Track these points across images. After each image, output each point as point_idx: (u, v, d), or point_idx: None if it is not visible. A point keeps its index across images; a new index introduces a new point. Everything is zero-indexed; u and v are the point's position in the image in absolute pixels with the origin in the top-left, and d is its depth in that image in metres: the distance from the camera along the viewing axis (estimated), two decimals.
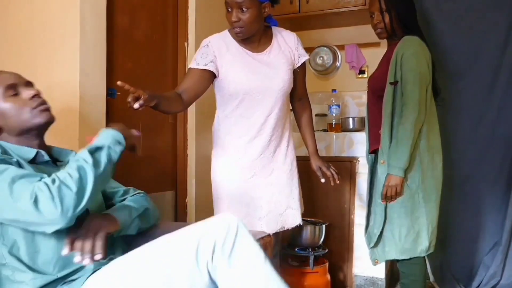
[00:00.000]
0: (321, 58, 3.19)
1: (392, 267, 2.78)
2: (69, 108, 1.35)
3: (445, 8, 2.60)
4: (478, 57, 2.56)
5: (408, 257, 1.94)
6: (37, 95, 1.23)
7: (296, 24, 3.10)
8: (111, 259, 1.17)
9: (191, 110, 2.48)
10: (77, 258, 1.07)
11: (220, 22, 2.78)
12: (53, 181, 1.00)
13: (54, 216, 0.98)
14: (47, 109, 1.24)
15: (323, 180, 1.90)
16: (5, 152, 1.13)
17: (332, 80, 3.26)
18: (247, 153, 1.80)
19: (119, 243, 1.29)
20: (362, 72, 3.15)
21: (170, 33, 2.44)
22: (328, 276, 2.40)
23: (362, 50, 3.12)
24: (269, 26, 1.86)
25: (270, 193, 1.83)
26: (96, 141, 1.13)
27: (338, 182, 1.90)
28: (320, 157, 1.95)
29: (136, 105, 1.33)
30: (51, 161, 1.24)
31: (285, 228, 1.88)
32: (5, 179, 1.01)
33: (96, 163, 1.07)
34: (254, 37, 1.77)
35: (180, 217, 2.46)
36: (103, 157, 1.10)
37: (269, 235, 1.46)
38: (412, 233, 1.91)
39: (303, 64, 1.90)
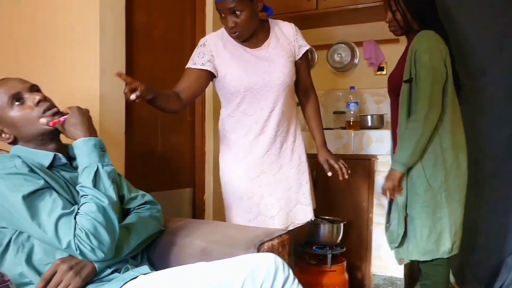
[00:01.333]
0: (339, 55, 3.17)
1: (412, 266, 2.74)
2: (89, 107, 1.37)
3: (467, 2, 2.55)
4: (502, 52, 2.50)
5: (430, 259, 1.90)
6: (42, 100, 1.21)
7: (314, 21, 3.08)
8: (127, 268, 1.18)
9: (209, 107, 2.49)
10: None
11: None
12: (87, 236, 1.05)
13: (99, 259, 1.10)
14: (56, 113, 1.21)
15: (329, 174, 1.83)
16: (29, 168, 1.13)
17: (351, 77, 3.22)
18: (253, 151, 1.77)
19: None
20: (380, 69, 3.11)
21: (188, 32, 2.45)
22: (346, 275, 2.39)
23: (381, 47, 3.09)
24: (266, 20, 1.82)
25: (279, 190, 1.79)
26: (84, 161, 1.13)
27: (346, 176, 1.82)
28: (329, 150, 1.89)
29: (132, 96, 1.31)
30: (68, 163, 1.25)
31: (296, 225, 1.84)
32: (49, 213, 1.06)
33: (107, 195, 1.11)
34: (253, 34, 1.74)
35: (198, 214, 2.47)
36: (107, 183, 1.13)
37: (286, 232, 1.45)
38: (434, 234, 1.87)
39: (305, 55, 1.84)
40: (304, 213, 1.85)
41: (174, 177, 2.36)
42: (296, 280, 1.11)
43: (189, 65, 1.74)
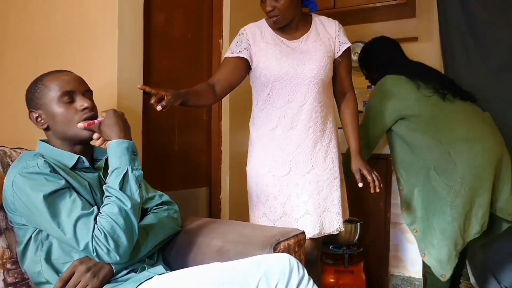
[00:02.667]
0: (357, 54, 3.13)
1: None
2: (107, 105, 1.39)
3: (489, 0, 2.51)
4: None
5: None
6: (89, 108, 1.23)
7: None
8: (144, 268, 1.19)
9: (225, 106, 2.49)
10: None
11: (254, 19, 2.78)
12: (106, 238, 1.06)
13: (114, 262, 1.12)
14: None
15: (360, 185, 1.71)
16: (51, 168, 1.15)
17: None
18: (282, 147, 1.70)
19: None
20: None
21: (205, 31, 2.46)
22: (363, 275, 2.37)
23: None
24: (309, 14, 1.79)
25: (308, 192, 1.71)
26: (115, 162, 1.14)
27: (378, 190, 1.69)
28: (363, 159, 1.75)
29: (159, 107, 1.31)
30: (91, 167, 1.27)
31: (323, 234, 1.74)
32: (68, 213, 1.08)
33: (131, 198, 1.12)
34: (291, 24, 1.70)
35: (214, 214, 2.48)
36: (133, 187, 1.13)
37: (303, 232, 1.44)
38: None
39: (346, 53, 1.77)
40: (330, 221, 1.74)
41: (191, 176, 2.37)
42: (311, 281, 1.11)
43: (227, 54, 1.73)
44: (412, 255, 2.53)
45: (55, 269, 1.13)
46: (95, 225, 1.07)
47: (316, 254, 1.87)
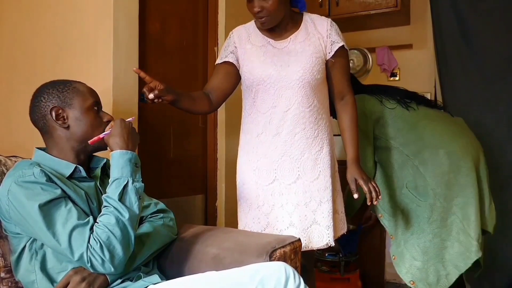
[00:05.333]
0: (352, 61, 3.15)
1: None
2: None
3: (481, 7, 2.53)
4: None
5: None
6: (110, 121, 1.27)
7: None
8: (139, 277, 1.18)
9: (221, 113, 2.49)
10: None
11: None
12: (101, 248, 1.05)
13: (108, 274, 1.11)
14: None
15: (356, 196, 1.58)
16: (47, 177, 1.13)
17: (363, 83, 3.20)
18: (267, 154, 1.60)
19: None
20: (393, 74, 3.10)
21: (200, 39, 2.46)
22: (359, 283, 2.36)
23: (393, 53, 3.07)
24: (300, 13, 1.69)
25: (293, 203, 1.59)
26: (116, 173, 1.14)
27: (375, 202, 1.56)
28: (360, 168, 1.61)
29: (150, 95, 1.30)
30: (88, 177, 1.26)
31: (311, 248, 1.61)
32: (63, 223, 1.07)
33: (130, 210, 1.11)
34: (280, 24, 1.60)
35: (210, 221, 2.47)
36: (133, 199, 1.13)
37: (299, 239, 1.43)
38: None
39: (339, 52, 1.65)
40: (319, 235, 1.60)
41: (186, 183, 2.36)
42: None
43: (217, 61, 1.70)
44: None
45: (50, 279, 1.11)
46: (91, 235, 1.06)
47: (309, 264, 1.80)
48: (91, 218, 1.10)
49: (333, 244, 1.61)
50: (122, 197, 1.11)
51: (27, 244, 1.13)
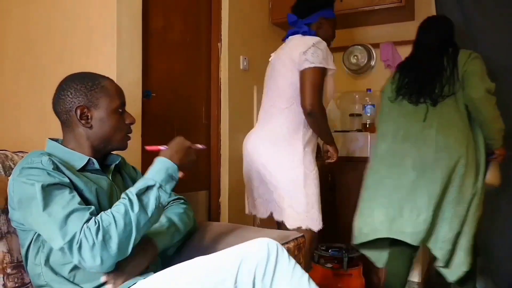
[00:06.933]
0: (356, 57, 3.15)
1: (428, 270, 2.70)
2: None
3: (486, 3, 2.51)
4: None
5: None
6: (132, 123, 1.26)
7: None
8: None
9: (225, 110, 2.50)
10: (103, 278, 1.09)
11: (252, 23, 2.79)
12: (97, 230, 0.99)
13: (92, 266, 1.01)
14: (130, 138, 1.28)
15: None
16: (55, 165, 1.11)
17: (367, 79, 3.20)
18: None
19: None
20: None
21: (204, 34, 2.46)
22: (363, 279, 2.36)
23: (398, 48, 3.06)
24: None
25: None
26: (149, 173, 1.11)
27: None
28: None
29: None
30: (100, 170, 1.23)
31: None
32: (64, 206, 1.02)
33: (143, 210, 1.06)
34: None
35: (213, 217, 2.48)
36: (151, 202, 1.08)
37: (302, 235, 1.44)
38: None
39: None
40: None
41: (190, 179, 2.36)
42: (293, 261, 1.09)
43: (323, 65, 1.89)
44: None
45: (54, 271, 1.11)
46: (93, 218, 1.01)
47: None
48: (93, 207, 1.06)
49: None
50: (141, 194, 1.07)
51: (34, 237, 1.12)
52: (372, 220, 1.99)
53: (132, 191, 1.07)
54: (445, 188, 1.88)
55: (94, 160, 1.20)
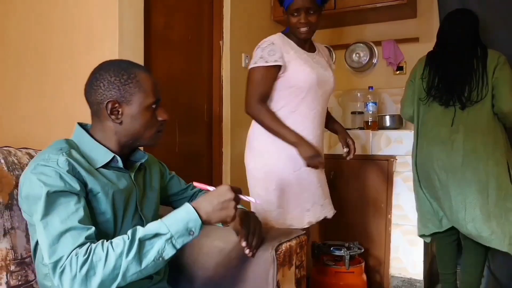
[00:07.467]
0: (357, 55, 3.14)
1: (431, 268, 2.71)
2: None
3: (489, 0, 2.50)
4: None
5: None
6: (165, 120, 1.19)
7: (332, 20, 3.06)
8: (151, 277, 1.17)
9: (226, 108, 2.50)
10: (247, 251, 1.21)
11: (255, 21, 2.79)
12: (84, 262, 0.93)
13: None
14: (161, 135, 1.21)
15: (345, 150, 2.01)
16: (71, 167, 1.04)
17: (369, 77, 3.20)
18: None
19: None
20: (400, 68, 3.08)
21: (206, 33, 2.46)
22: (364, 276, 2.37)
23: (400, 46, 3.05)
24: None
25: (315, 185, 1.89)
26: (167, 219, 1.00)
27: (351, 157, 2.01)
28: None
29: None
30: (123, 168, 1.17)
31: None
32: (63, 219, 0.97)
33: (137, 259, 0.95)
34: (308, 39, 1.91)
35: None
36: (152, 253, 0.97)
37: (304, 233, 1.44)
38: None
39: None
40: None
41: (191, 178, 2.35)
42: None
43: (260, 64, 1.77)
44: (413, 257, 2.53)
45: None
46: (86, 244, 0.95)
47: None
48: (93, 228, 1.00)
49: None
50: (146, 240, 0.97)
51: None
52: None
53: (140, 232, 0.97)
54: (482, 190, 2.01)
55: (118, 158, 1.15)
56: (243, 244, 1.21)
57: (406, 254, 2.54)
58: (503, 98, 2.01)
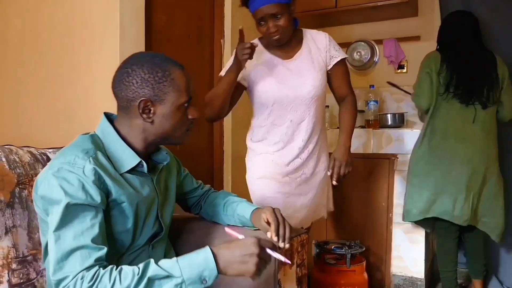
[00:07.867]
0: (359, 53, 3.14)
1: (432, 266, 2.71)
2: (108, 106, 1.39)
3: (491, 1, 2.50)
4: None
5: None
6: (195, 119, 1.15)
7: (333, 19, 3.06)
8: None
9: None
10: (282, 244, 1.19)
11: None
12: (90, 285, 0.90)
13: None
14: (190, 134, 1.18)
15: (329, 173, 1.75)
16: (97, 176, 1.01)
17: (370, 75, 3.20)
18: (279, 160, 1.78)
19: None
20: (401, 67, 3.07)
21: (207, 31, 2.46)
22: (366, 275, 2.36)
23: (401, 44, 3.05)
24: (300, 29, 1.82)
25: (305, 202, 1.85)
26: (183, 262, 0.94)
27: (334, 182, 1.75)
28: (346, 152, 1.76)
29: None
30: (147, 173, 1.14)
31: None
32: (76, 235, 0.94)
33: None
34: (288, 42, 1.74)
35: None
36: None
37: (306, 232, 1.44)
38: None
39: (338, 64, 1.79)
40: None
41: (193, 176, 2.37)
42: None
43: (221, 73, 1.77)
44: (415, 255, 2.53)
45: None
46: (94, 267, 0.92)
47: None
48: (105, 249, 0.96)
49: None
50: (156, 279, 0.92)
51: None
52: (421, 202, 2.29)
53: (151, 269, 0.92)
54: (483, 183, 2.22)
55: (144, 163, 1.11)
56: (275, 238, 1.19)
57: (407, 253, 2.54)
58: (510, 108, 2.25)
